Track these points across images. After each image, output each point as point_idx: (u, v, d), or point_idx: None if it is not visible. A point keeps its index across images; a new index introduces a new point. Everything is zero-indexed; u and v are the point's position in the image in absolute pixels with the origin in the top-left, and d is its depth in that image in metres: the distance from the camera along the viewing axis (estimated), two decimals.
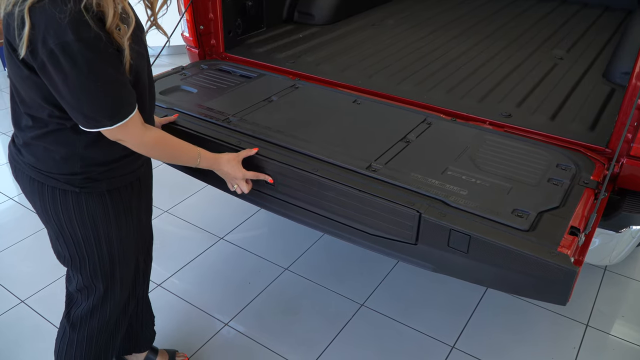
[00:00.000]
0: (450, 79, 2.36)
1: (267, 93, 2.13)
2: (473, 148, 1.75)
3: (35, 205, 1.44)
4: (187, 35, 2.50)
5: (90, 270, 1.49)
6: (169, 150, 1.49)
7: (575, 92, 2.24)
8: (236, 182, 1.65)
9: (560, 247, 1.31)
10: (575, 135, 1.86)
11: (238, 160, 1.63)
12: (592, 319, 2.24)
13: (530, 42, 2.88)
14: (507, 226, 1.38)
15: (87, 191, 1.38)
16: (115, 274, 1.53)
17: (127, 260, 1.55)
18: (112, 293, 1.56)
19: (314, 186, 1.58)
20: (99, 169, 1.37)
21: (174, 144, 1.50)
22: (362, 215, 1.52)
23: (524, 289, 1.42)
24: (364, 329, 2.19)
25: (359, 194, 1.50)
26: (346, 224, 1.58)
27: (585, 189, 1.56)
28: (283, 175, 1.63)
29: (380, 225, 1.50)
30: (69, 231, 1.42)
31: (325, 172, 1.61)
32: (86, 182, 1.37)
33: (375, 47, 2.76)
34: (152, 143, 1.41)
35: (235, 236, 2.72)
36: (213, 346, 2.12)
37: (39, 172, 1.36)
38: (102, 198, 1.41)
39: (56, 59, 1.13)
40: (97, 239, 1.44)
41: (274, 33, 2.87)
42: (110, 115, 1.25)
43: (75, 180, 1.36)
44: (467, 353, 2.08)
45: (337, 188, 1.53)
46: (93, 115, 1.24)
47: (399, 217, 1.45)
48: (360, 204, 1.51)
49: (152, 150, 1.43)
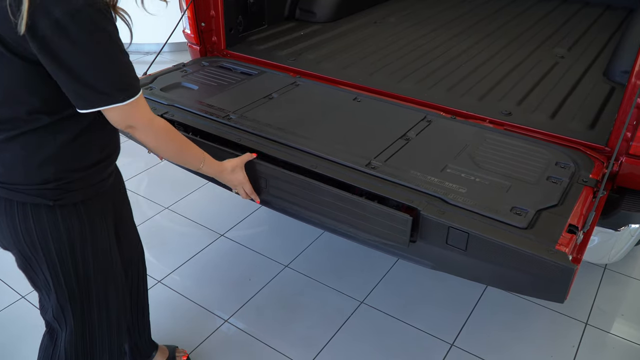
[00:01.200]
0: (451, 77, 2.37)
1: (268, 90, 2.14)
2: (473, 146, 1.75)
3: (1, 228, 1.28)
4: (188, 32, 2.50)
5: (67, 292, 1.36)
6: (177, 144, 1.42)
7: (576, 91, 2.24)
8: (240, 187, 1.63)
9: (558, 245, 1.31)
10: (575, 133, 1.86)
11: (242, 167, 1.60)
12: (591, 317, 2.25)
13: (531, 40, 2.87)
14: (506, 224, 1.38)
15: (61, 203, 1.26)
16: (91, 293, 1.40)
17: (106, 277, 1.43)
18: (91, 314, 1.42)
19: (309, 190, 1.57)
20: (74, 176, 1.26)
21: (182, 138, 1.43)
22: (356, 220, 1.52)
23: (522, 287, 1.43)
24: (364, 326, 2.19)
25: (352, 197, 1.49)
26: (341, 229, 1.58)
27: (584, 187, 1.56)
28: (279, 179, 1.62)
29: (374, 230, 1.50)
30: (43, 252, 1.29)
31: (324, 169, 1.62)
32: (60, 194, 1.25)
33: (377, 44, 2.76)
34: (163, 130, 1.34)
35: (236, 233, 2.72)
36: (213, 342, 2.13)
37: (4, 186, 1.23)
38: (77, 210, 1.29)
39: (63, 30, 1.06)
40: (74, 255, 1.32)
41: (275, 30, 2.87)
42: (123, 89, 1.17)
43: (48, 192, 1.24)
44: (467, 351, 2.09)
45: (330, 192, 1.52)
46: (105, 88, 1.15)
47: (392, 222, 1.44)
48: (354, 208, 1.50)
49: (160, 139, 1.35)
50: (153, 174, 3.23)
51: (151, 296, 2.33)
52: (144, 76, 2.29)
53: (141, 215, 2.82)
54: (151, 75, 2.27)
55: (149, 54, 4.89)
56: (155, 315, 2.23)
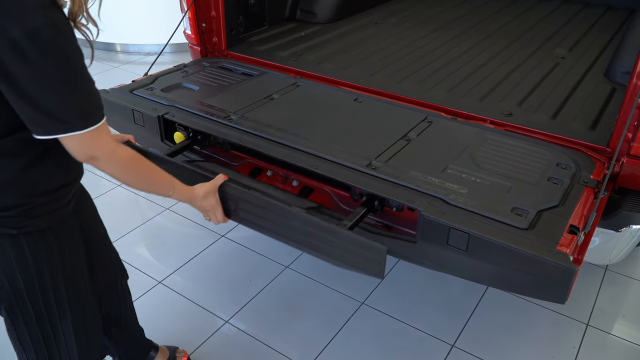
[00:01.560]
0: (452, 78, 2.37)
1: (269, 91, 2.14)
2: (473, 147, 1.75)
3: None
4: (189, 33, 2.50)
5: (37, 323, 1.28)
6: (144, 172, 1.31)
7: (577, 92, 2.24)
8: (212, 213, 1.52)
9: (559, 246, 1.31)
10: (575, 134, 1.86)
11: (214, 191, 1.48)
12: (592, 318, 2.24)
13: (532, 41, 2.87)
14: (507, 224, 1.39)
15: (25, 231, 1.17)
16: (60, 324, 1.32)
17: (76, 305, 1.34)
18: (59, 342, 1.34)
19: (278, 214, 1.46)
20: (37, 201, 1.17)
21: (149, 166, 1.32)
22: (328, 247, 1.41)
23: (523, 288, 1.43)
24: (364, 327, 2.19)
25: (323, 224, 1.37)
26: (314, 255, 1.49)
27: (585, 188, 1.56)
28: (248, 202, 1.50)
29: (346, 258, 1.39)
30: (9, 283, 1.21)
31: (325, 169, 1.62)
32: (23, 221, 1.16)
33: (377, 45, 2.76)
34: (127, 159, 1.23)
35: (237, 234, 2.72)
36: (214, 343, 2.13)
37: None
38: (43, 236, 1.21)
39: (20, 51, 0.97)
40: (43, 285, 1.24)
41: (276, 31, 2.87)
42: (83, 116, 1.09)
43: (9, 220, 1.15)
44: (467, 352, 2.09)
45: (299, 216, 1.41)
46: (62, 115, 1.06)
47: (366, 252, 1.33)
48: (325, 235, 1.39)
49: (125, 169, 1.25)
50: None
51: (152, 297, 2.33)
52: (144, 77, 2.29)
53: (142, 216, 2.82)
54: (152, 76, 2.27)
55: (149, 54, 4.90)
56: (156, 316, 2.23)
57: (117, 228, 2.62)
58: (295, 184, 1.81)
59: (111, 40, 4.99)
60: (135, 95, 2.10)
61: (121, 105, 2.04)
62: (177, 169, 1.52)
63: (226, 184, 1.50)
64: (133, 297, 2.32)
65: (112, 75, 4.58)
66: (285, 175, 1.84)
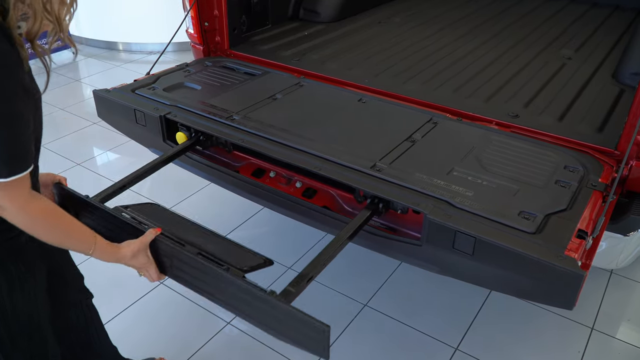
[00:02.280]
0: (457, 78, 2.34)
1: (272, 91, 2.12)
2: (479, 148, 1.73)
3: None
4: (191, 32, 2.48)
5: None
6: (59, 228, 1.19)
7: (584, 93, 2.21)
8: (145, 271, 1.36)
9: (567, 251, 1.29)
10: (583, 136, 1.84)
11: (145, 249, 1.32)
12: (597, 322, 2.22)
13: (538, 41, 2.85)
14: (514, 228, 1.36)
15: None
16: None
17: (30, 343, 1.28)
18: None
19: (212, 277, 1.29)
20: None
21: (66, 221, 1.19)
22: (265, 318, 1.28)
23: (529, 293, 1.40)
24: (367, 329, 2.17)
25: (260, 294, 1.23)
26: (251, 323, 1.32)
27: (594, 192, 1.53)
28: (182, 260, 1.33)
29: (285, 332, 1.28)
30: None
31: (328, 171, 1.60)
32: None
33: (381, 45, 2.73)
34: (37, 214, 1.12)
35: (239, 234, 2.70)
36: (215, 344, 2.11)
37: None
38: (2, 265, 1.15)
39: None
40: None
41: (279, 30, 2.85)
42: (8, 162, 1.00)
43: None
44: (471, 355, 2.06)
45: (235, 282, 1.26)
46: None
47: (308, 330, 1.22)
48: (263, 306, 1.25)
49: (35, 225, 1.13)
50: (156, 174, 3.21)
51: (153, 298, 2.31)
52: (146, 76, 2.27)
53: None
54: (154, 75, 2.25)
55: (152, 53, 4.88)
56: (157, 317, 2.22)
57: None
58: (298, 186, 1.79)
59: (113, 38, 4.97)
60: (137, 94, 2.08)
61: (123, 104, 2.02)
62: (108, 218, 1.38)
63: (158, 239, 1.32)
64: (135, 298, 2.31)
65: (113, 74, 4.57)
66: (289, 177, 1.82)
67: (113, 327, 2.17)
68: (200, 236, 1.43)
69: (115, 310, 2.25)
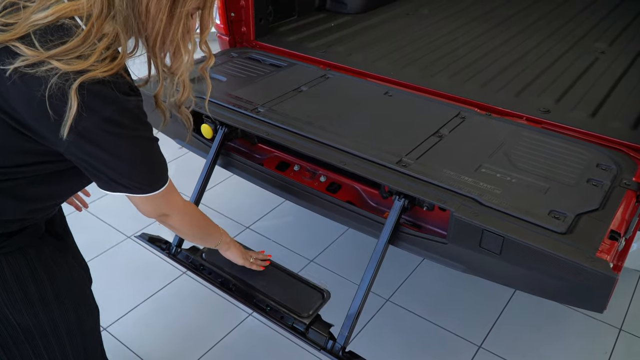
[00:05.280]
0: (486, 72, 2.29)
1: (297, 83, 2.10)
2: (508, 145, 1.69)
3: None
4: (217, 23, 2.48)
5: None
6: (203, 226, 1.45)
7: (617, 88, 2.14)
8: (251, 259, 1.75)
9: (599, 252, 1.25)
10: (616, 133, 1.78)
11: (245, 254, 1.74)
12: (625, 323, 2.17)
13: (571, 34, 2.77)
14: (543, 228, 1.33)
15: (4, 251, 1.13)
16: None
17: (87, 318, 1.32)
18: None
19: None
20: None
21: (205, 218, 1.45)
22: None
23: (558, 294, 1.37)
24: (389, 325, 2.16)
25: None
26: None
27: (627, 191, 1.49)
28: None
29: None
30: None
31: (354, 166, 1.58)
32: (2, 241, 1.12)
33: (409, 37, 2.69)
34: (193, 212, 1.35)
35: (261, 225, 2.71)
36: (236, 335, 2.12)
37: None
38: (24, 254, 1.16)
39: (94, 138, 1.00)
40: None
41: (305, 21, 2.82)
42: (153, 181, 1.15)
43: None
44: (495, 353, 2.04)
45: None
46: (135, 181, 1.11)
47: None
48: None
49: (192, 225, 1.38)
50: (179, 164, 3.24)
51: (176, 288, 2.34)
52: None
53: None
54: None
55: None
56: (180, 306, 2.24)
57: (138, 218, 2.63)
58: (322, 180, 1.78)
59: None
60: None
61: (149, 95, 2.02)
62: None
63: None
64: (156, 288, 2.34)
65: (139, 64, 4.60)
66: (313, 171, 1.81)
67: (136, 315, 2.21)
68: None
69: (139, 299, 2.29)
